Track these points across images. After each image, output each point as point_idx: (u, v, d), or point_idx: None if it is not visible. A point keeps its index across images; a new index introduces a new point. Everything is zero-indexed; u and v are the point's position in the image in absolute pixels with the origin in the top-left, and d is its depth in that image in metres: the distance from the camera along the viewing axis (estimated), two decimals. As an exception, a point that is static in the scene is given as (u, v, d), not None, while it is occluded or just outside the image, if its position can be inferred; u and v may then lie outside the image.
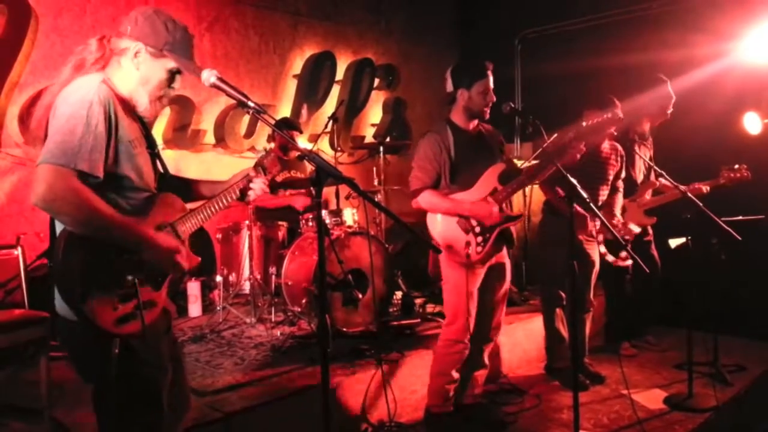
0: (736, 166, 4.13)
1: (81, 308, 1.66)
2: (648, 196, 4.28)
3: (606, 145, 3.84)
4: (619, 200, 3.95)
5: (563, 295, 3.87)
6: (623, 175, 3.95)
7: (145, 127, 1.97)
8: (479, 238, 3.02)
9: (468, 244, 3.01)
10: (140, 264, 1.77)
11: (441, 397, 3.19)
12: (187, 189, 2.19)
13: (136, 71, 1.82)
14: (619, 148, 3.91)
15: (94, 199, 1.63)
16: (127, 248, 1.73)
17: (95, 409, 1.84)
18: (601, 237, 3.69)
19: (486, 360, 3.32)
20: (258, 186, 2.13)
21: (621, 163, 3.90)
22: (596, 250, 3.82)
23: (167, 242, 1.83)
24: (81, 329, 1.73)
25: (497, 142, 3.24)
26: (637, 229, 3.87)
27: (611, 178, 3.86)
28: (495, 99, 3.10)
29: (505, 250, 3.24)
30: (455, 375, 3.18)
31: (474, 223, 3.02)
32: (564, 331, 3.94)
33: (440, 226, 3.08)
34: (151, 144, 1.96)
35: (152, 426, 1.87)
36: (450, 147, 3.07)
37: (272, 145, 4.67)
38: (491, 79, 3.08)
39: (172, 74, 1.88)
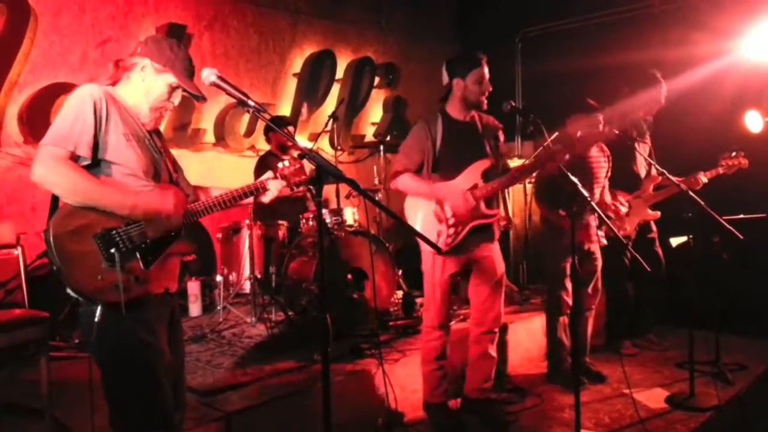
0: (733, 153, 4.13)
1: (65, 274, 1.83)
2: (650, 191, 4.27)
3: (593, 149, 3.83)
4: (606, 196, 3.95)
5: (569, 301, 3.86)
6: (610, 173, 3.94)
7: (150, 131, 2.12)
8: (451, 230, 3.04)
9: (439, 233, 3.03)
10: (127, 240, 1.90)
11: (430, 386, 3.26)
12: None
13: (142, 83, 2.05)
14: (606, 149, 3.90)
15: (79, 170, 1.87)
16: (120, 210, 1.88)
17: (102, 388, 1.97)
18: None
19: (491, 351, 3.31)
20: (274, 187, 2.26)
21: (609, 162, 3.90)
22: (597, 246, 3.83)
23: (157, 195, 1.96)
24: (84, 304, 1.93)
25: (493, 136, 3.22)
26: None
27: (602, 179, 3.85)
28: (491, 88, 3.11)
29: (495, 244, 3.24)
30: (440, 363, 3.22)
31: (449, 214, 3.04)
32: (566, 340, 3.93)
33: (416, 213, 3.11)
34: (154, 145, 2.10)
35: (153, 405, 1.96)
36: (437, 137, 3.10)
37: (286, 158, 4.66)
38: (486, 69, 3.09)
39: (172, 89, 2.09)
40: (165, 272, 2.01)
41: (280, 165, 2.27)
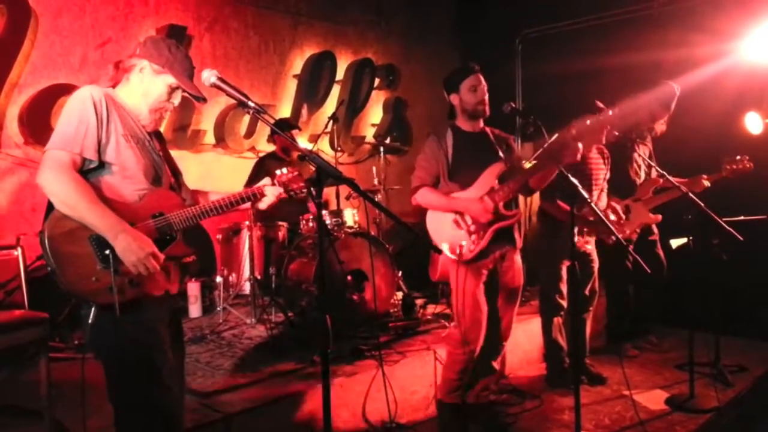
0: (738, 157, 4.11)
1: (59, 275, 1.83)
2: (651, 194, 4.27)
3: (593, 151, 3.83)
4: (603, 200, 3.95)
5: (563, 303, 3.86)
6: (608, 176, 3.94)
7: (151, 134, 2.12)
8: (473, 237, 3.04)
9: (462, 241, 3.02)
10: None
11: (446, 389, 3.26)
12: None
13: (141, 84, 2.05)
14: (605, 150, 3.90)
15: (78, 183, 1.85)
16: (104, 235, 1.86)
17: (107, 389, 1.98)
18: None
19: (495, 365, 3.30)
20: (271, 194, 2.26)
21: (608, 165, 3.90)
22: (594, 249, 3.84)
23: (140, 239, 1.90)
24: (84, 307, 1.93)
25: (504, 145, 3.24)
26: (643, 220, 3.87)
27: (600, 182, 3.86)
28: (487, 94, 3.11)
29: (518, 255, 3.24)
30: (462, 375, 3.20)
31: (468, 221, 3.04)
32: (562, 341, 3.94)
33: (437, 224, 3.10)
34: (154, 147, 2.10)
35: (156, 406, 1.96)
36: (448, 147, 3.12)
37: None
38: (480, 76, 3.10)
39: (172, 90, 2.08)
40: (164, 274, 2.01)
41: (278, 172, 2.28)
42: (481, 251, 3.04)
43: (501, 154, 3.17)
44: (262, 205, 2.27)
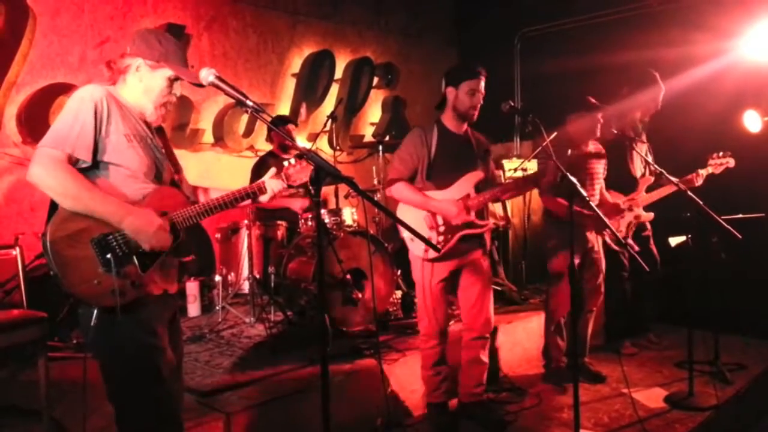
0: (721, 153, 4.11)
1: (61, 278, 1.83)
2: (643, 192, 4.27)
3: (591, 147, 3.83)
4: (606, 195, 3.95)
5: (567, 303, 3.85)
6: (606, 173, 3.94)
7: (153, 130, 2.12)
8: (441, 237, 3.07)
9: (429, 240, 3.03)
10: (124, 245, 1.89)
11: (430, 388, 3.29)
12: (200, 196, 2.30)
13: (140, 83, 2.04)
14: (601, 147, 3.90)
15: (75, 175, 1.85)
16: (109, 221, 1.86)
17: (105, 389, 1.97)
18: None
19: (483, 357, 3.30)
20: (271, 187, 2.24)
21: (605, 159, 3.90)
22: (600, 246, 3.83)
23: (147, 215, 1.92)
24: (82, 307, 1.93)
25: (483, 151, 3.26)
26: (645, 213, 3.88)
27: (600, 177, 3.86)
28: (482, 102, 3.12)
29: (484, 254, 3.23)
30: (438, 368, 3.24)
31: (439, 222, 3.08)
32: (561, 341, 3.94)
33: (406, 219, 3.09)
34: (156, 144, 2.10)
35: (157, 404, 1.98)
36: (432, 145, 3.13)
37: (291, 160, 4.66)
38: (482, 83, 3.10)
39: (171, 81, 2.07)
40: (163, 274, 2.01)
41: (285, 163, 2.26)
42: (445, 253, 3.07)
43: (480, 162, 3.19)
44: (264, 198, 2.25)
